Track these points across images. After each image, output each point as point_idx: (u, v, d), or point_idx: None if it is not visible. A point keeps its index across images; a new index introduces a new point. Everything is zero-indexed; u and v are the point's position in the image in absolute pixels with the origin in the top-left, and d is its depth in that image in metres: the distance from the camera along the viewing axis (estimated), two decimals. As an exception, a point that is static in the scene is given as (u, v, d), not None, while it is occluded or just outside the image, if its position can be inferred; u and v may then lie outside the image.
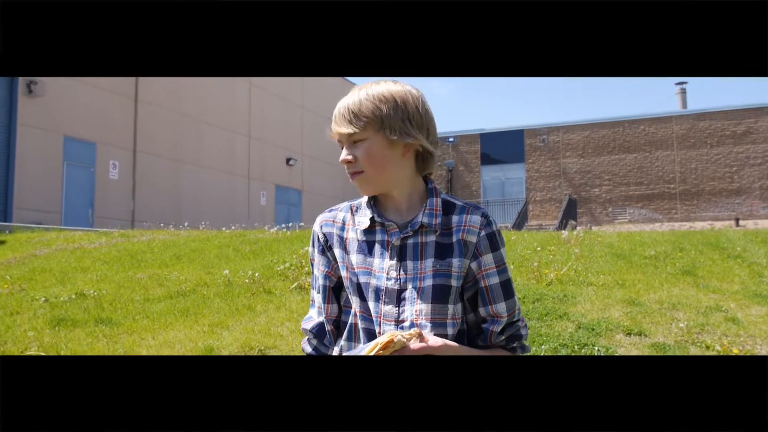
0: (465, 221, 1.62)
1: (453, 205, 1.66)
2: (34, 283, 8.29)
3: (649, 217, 29.95)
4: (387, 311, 1.59)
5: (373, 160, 1.58)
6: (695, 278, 7.81)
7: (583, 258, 9.08)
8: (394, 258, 1.61)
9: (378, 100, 1.55)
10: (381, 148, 1.57)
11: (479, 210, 1.64)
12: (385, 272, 1.61)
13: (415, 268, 1.59)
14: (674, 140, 30.08)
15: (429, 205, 1.63)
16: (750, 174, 28.91)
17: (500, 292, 1.62)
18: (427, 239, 1.61)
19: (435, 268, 1.58)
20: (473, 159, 33.52)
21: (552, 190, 31.94)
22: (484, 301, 1.62)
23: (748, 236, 11.24)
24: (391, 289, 1.60)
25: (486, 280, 1.62)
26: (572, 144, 31.77)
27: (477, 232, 1.61)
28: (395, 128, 1.56)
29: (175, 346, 5.53)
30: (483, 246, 1.61)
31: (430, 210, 1.62)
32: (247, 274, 8.02)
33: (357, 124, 1.55)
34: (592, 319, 5.99)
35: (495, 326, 1.62)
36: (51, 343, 5.62)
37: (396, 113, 1.56)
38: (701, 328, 5.76)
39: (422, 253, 1.60)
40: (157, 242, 11.63)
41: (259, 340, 5.61)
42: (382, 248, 1.63)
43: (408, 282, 1.59)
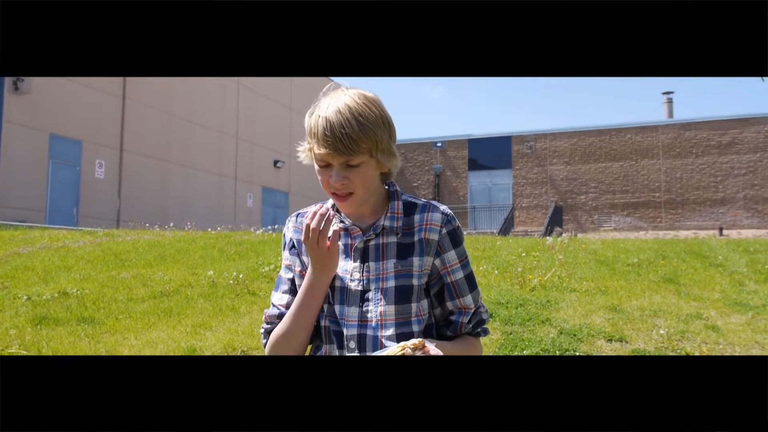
0: (426, 220, 1.66)
1: (414, 205, 1.69)
2: (17, 281, 8.23)
3: (634, 225, 30.15)
4: (350, 312, 1.63)
5: (366, 182, 1.60)
6: (677, 286, 7.88)
7: (566, 264, 9.14)
8: (357, 260, 1.65)
9: (373, 124, 1.55)
10: (373, 170, 1.60)
11: (439, 208, 1.69)
12: (349, 274, 1.65)
13: (377, 269, 1.63)
14: (660, 149, 30.32)
15: (391, 208, 1.68)
16: (734, 184, 29.18)
17: (466, 285, 1.70)
18: (388, 240, 1.65)
19: (396, 269, 1.63)
20: (461, 164, 33.62)
21: (538, 197, 32.09)
22: (451, 295, 1.68)
23: (730, 245, 11.35)
24: (354, 290, 1.64)
25: (452, 275, 1.68)
26: (559, 151, 31.94)
27: (438, 230, 1.66)
28: (386, 151, 1.59)
29: (157, 346, 5.52)
30: (445, 243, 1.67)
31: (392, 213, 1.67)
32: (231, 276, 8.01)
33: (356, 150, 1.54)
34: (574, 325, 6.03)
35: (464, 317, 1.70)
36: (32, 342, 5.59)
37: (386, 135, 1.58)
38: (681, 335, 5.81)
39: (383, 254, 1.64)
40: (142, 242, 11.58)
41: (242, 341, 5.60)
42: (346, 251, 1.67)
43: (371, 283, 1.63)
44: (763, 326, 6.14)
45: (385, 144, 1.58)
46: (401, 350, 1.46)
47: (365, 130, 1.53)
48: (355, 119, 1.53)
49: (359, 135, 1.52)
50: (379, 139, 1.56)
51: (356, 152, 1.54)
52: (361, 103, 1.56)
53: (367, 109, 1.55)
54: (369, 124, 1.54)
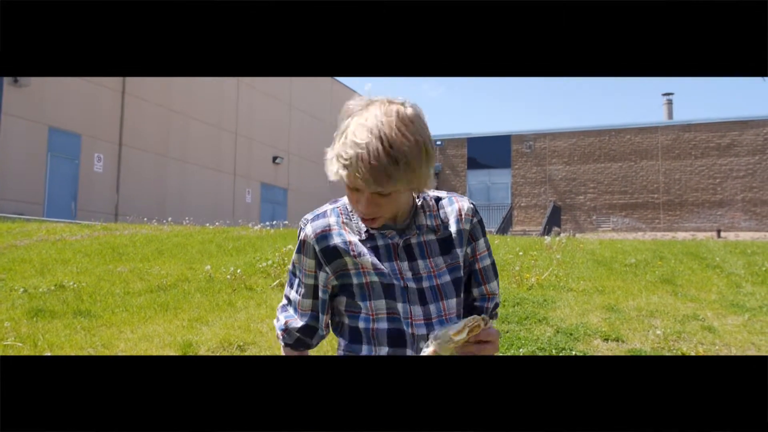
0: (459, 211, 1.68)
1: (439, 199, 1.70)
2: (14, 273, 8.22)
3: (633, 226, 30.17)
4: (416, 311, 1.61)
5: (397, 207, 1.57)
6: (674, 287, 7.88)
7: (564, 264, 9.14)
8: (404, 260, 1.62)
9: (410, 157, 1.42)
10: (406, 198, 1.57)
11: (464, 198, 1.72)
12: (401, 274, 1.61)
13: (426, 267, 1.63)
14: (659, 150, 30.33)
15: (425, 207, 1.66)
16: (733, 186, 29.21)
17: (491, 272, 1.75)
18: (428, 238, 1.65)
19: (447, 263, 1.64)
20: (460, 163, 33.62)
21: (537, 197, 32.10)
22: (478, 281, 1.73)
23: (727, 247, 11.36)
24: (413, 288, 1.61)
25: (480, 262, 1.72)
26: (558, 151, 31.95)
27: (471, 220, 1.68)
28: (422, 179, 1.50)
29: (153, 340, 5.51)
30: (476, 232, 1.70)
31: (429, 211, 1.66)
32: (228, 271, 8.00)
33: (388, 186, 1.45)
34: (571, 324, 6.03)
35: (489, 303, 1.76)
36: (28, 334, 5.58)
37: (423, 164, 1.47)
38: (678, 336, 5.82)
39: (428, 252, 1.64)
40: (140, 236, 11.57)
41: (239, 336, 5.60)
42: (389, 251, 1.62)
43: (424, 281, 1.62)
44: (760, 328, 6.14)
45: (423, 173, 1.48)
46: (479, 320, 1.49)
47: (401, 167, 1.42)
48: (391, 156, 1.40)
49: (394, 172, 1.42)
50: (416, 171, 1.45)
51: (390, 186, 1.45)
52: (399, 131, 1.42)
53: (404, 140, 1.42)
54: (406, 159, 1.42)
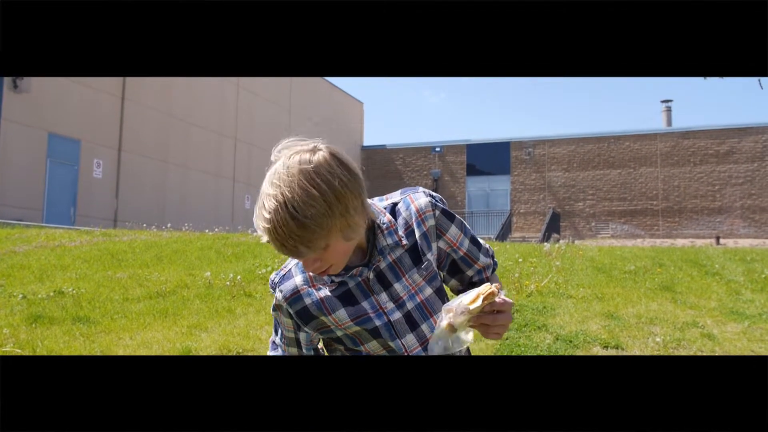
0: (417, 212, 1.59)
1: (394, 205, 1.61)
2: (12, 279, 8.21)
3: (632, 233, 30.18)
4: (409, 341, 1.58)
5: (340, 256, 1.47)
6: (673, 294, 7.88)
7: (563, 271, 9.14)
8: (381, 291, 1.57)
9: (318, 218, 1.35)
10: (343, 246, 1.45)
11: (417, 192, 1.62)
12: (381, 308, 1.57)
13: (405, 288, 1.58)
14: (658, 157, 30.36)
15: (382, 224, 1.56)
16: (732, 193, 29.22)
17: (474, 248, 1.68)
18: (396, 254, 1.57)
19: (422, 275, 1.58)
20: (459, 169, 33.63)
21: (536, 203, 32.11)
22: (468, 264, 1.68)
23: (727, 254, 11.36)
24: (397, 319, 1.57)
25: (462, 248, 1.66)
26: (557, 158, 31.97)
27: (432, 215, 1.60)
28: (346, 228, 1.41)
29: (152, 346, 5.50)
30: (442, 223, 1.62)
31: (387, 228, 1.56)
32: (228, 277, 7.99)
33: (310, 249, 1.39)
34: (570, 331, 6.03)
35: (487, 272, 1.72)
36: (27, 340, 5.57)
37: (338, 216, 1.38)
38: (677, 343, 5.81)
39: (401, 270, 1.57)
40: (139, 242, 11.56)
41: (238, 342, 5.59)
42: (362, 290, 1.57)
43: (408, 303, 1.58)
44: (759, 335, 6.14)
45: (342, 224, 1.40)
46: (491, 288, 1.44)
47: (314, 229, 1.35)
48: (297, 221, 1.34)
49: (308, 236, 1.36)
50: (332, 226, 1.38)
51: (311, 250, 1.39)
52: (302, 188, 1.35)
53: (309, 199, 1.34)
54: (313, 221, 1.35)
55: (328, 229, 1.37)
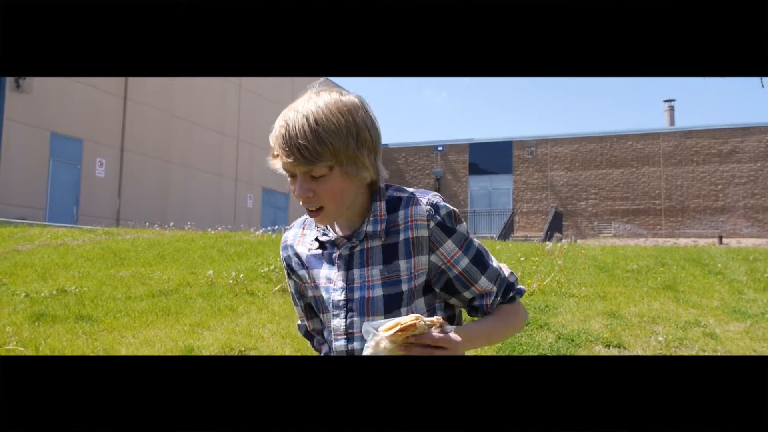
0: (411, 216, 1.52)
1: (398, 200, 1.56)
2: (15, 278, 8.22)
3: (634, 232, 30.15)
4: (336, 325, 1.57)
5: (334, 196, 1.48)
6: (676, 293, 7.87)
7: (566, 270, 9.13)
8: (341, 269, 1.56)
9: (332, 134, 1.41)
10: (341, 183, 1.47)
11: (424, 197, 1.55)
12: (332, 283, 1.57)
13: (361, 276, 1.54)
14: (661, 157, 30.34)
15: (373, 210, 1.55)
16: (735, 193, 29.18)
17: (475, 269, 1.56)
18: (372, 244, 1.54)
19: (382, 276, 1.52)
20: (461, 168, 33.63)
21: (538, 202, 32.10)
22: (464, 285, 1.56)
23: (729, 253, 11.34)
24: (338, 300, 1.56)
25: (457, 266, 1.55)
26: (560, 157, 31.96)
27: (426, 225, 1.52)
28: (351, 162, 1.45)
29: (155, 344, 5.51)
30: (438, 236, 1.53)
31: (375, 216, 1.54)
32: (230, 275, 8.00)
33: (314, 161, 1.42)
34: (572, 330, 6.03)
35: (487, 299, 1.59)
36: (30, 339, 5.58)
37: (351, 146, 1.44)
38: (680, 342, 5.81)
39: (368, 260, 1.54)
40: (142, 241, 11.58)
41: (240, 341, 5.60)
42: (331, 261, 1.58)
43: (355, 291, 1.54)
44: (762, 334, 6.13)
45: (350, 155, 1.44)
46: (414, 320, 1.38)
47: (322, 141, 1.40)
48: (312, 129, 1.40)
49: (314, 146, 1.40)
50: (340, 150, 1.42)
51: (314, 163, 1.42)
52: (328, 110, 1.42)
53: (332, 117, 1.42)
54: (327, 135, 1.40)
55: (337, 152, 1.42)
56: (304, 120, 1.41)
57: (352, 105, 1.46)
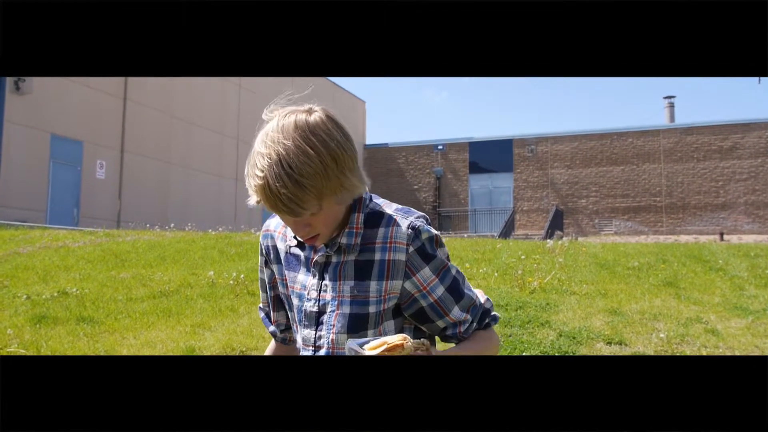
0: (390, 237, 1.46)
1: (379, 216, 1.50)
2: (17, 280, 8.23)
3: (635, 230, 30.14)
4: (306, 335, 1.54)
5: (328, 222, 1.44)
6: (677, 290, 7.87)
7: (567, 267, 9.13)
8: (315, 276, 1.52)
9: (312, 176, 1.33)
10: (333, 211, 1.43)
11: (407, 219, 1.49)
12: (306, 291, 1.54)
13: (334, 290, 1.49)
14: (661, 154, 30.32)
15: (350, 222, 1.49)
16: (735, 189, 29.16)
17: (450, 298, 1.51)
18: (347, 258, 1.49)
19: (352, 294, 1.47)
20: (462, 167, 33.62)
21: (539, 200, 32.09)
22: (438, 314, 1.51)
23: (730, 250, 11.34)
24: (310, 311, 1.53)
25: (432, 294, 1.50)
26: (560, 155, 31.94)
27: (404, 249, 1.46)
28: (338, 190, 1.39)
29: (156, 345, 5.51)
30: (415, 262, 1.47)
31: (351, 229, 1.49)
32: (231, 276, 8.00)
33: (299, 212, 1.36)
34: (574, 328, 6.02)
35: (460, 327, 1.54)
36: (31, 341, 5.58)
37: (333, 177, 1.37)
38: (681, 339, 5.80)
39: (341, 274, 1.49)
40: (142, 242, 11.58)
41: (241, 341, 5.60)
42: (306, 266, 1.55)
43: (327, 305, 1.50)
44: (763, 330, 6.13)
45: (335, 186, 1.37)
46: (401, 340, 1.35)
47: (304, 188, 1.32)
48: (291, 178, 1.31)
49: (298, 195, 1.33)
50: (325, 187, 1.35)
51: (302, 213, 1.36)
52: (299, 148, 1.33)
53: (306, 156, 1.33)
54: (307, 179, 1.32)
55: (323, 190, 1.35)
56: (281, 169, 1.32)
57: (320, 128, 1.37)
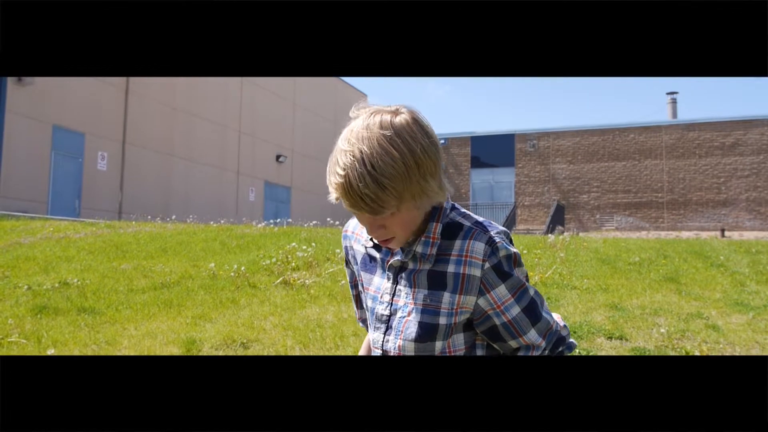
0: (467, 250, 1.44)
1: (458, 227, 1.47)
2: (18, 270, 8.24)
3: (636, 225, 30.12)
4: (375, 338, 1.54)
5: (404, 226, 1.42)
6: (678, 285, 7.86)
7: (568, 262, 9.13)
8: (390, 280, 1.52)
9: (394, 177, 1.32)
10: (411, 215, 1.41)
11: (486, 234, 1.45)
12: (380, 294, 1.53)
13: (407, 296, 1.48)
14: (663, 150, 30.27)
15: (427, 231, 1.47)
16: (737, 186, 29.13)
17: (526, 320, 1.47)
18: (423, 267, 1.47)
19: (425, 302, 1.46)
20: (463, 162, 33.59)
21: (540, 195, 32.07)
22: (512, 334, 1.47)
23: (732, 246, 11.33)
24: (382, 314, 1.52)
25: (506, 314, 1.46)
26: (562, 150, 31.91)
27: (480, 265, 1.43)
28: (419, 196, 1.37)
29: (157, 337, 5.52)
30: (491, 279, 1.44)
31: (427, 238, 1.47)
32: (232, 268, 8.00)
33: (378, 211, 1.34)
34: (575, 322, 6.02)
35: (534, 351, 1.50)
36: (32, 331, 5.59)
37: (415, 180, 1.35)
38: (682, 334, 5.80)
39: (415, 281, 1.48)
40: (144, 234, 11.59)
41: (242, 333, 5.60)
42: (382, 268, 1.55)
43: (398, 310, 1.50)
44: (764, 326, 6.12)
45: (415, 190, 1.35)
46: None
47: (384, 188, 1.31)
48: (372, 177, 1.30)
49: (378, 195, 1.31)
50: (405, 190, 1.33)
51: (381, 212, 1.35)
52: (383, 148, 1.31)
53: (389, 156, 1.31)
54: (389, 180, 1.31)
55: (403, 193, 1.33)
56: (363, 168, 1.30)
57: (405, 130, 1.35)
